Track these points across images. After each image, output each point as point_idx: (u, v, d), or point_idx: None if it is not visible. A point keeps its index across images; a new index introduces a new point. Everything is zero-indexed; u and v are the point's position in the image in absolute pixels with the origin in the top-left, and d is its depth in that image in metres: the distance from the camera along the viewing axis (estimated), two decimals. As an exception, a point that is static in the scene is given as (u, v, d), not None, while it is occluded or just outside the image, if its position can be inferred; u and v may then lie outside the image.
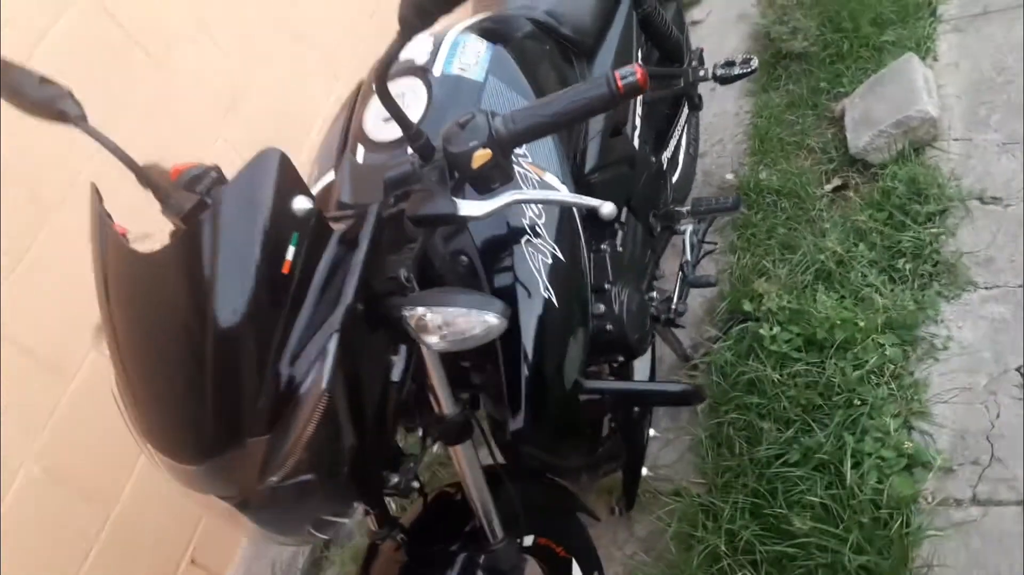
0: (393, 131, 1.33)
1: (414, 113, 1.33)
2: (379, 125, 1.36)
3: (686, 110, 2.28)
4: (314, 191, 1.36)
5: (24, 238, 1.85)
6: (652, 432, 1.86)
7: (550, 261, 1.30)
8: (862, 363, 1.92)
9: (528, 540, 1.47)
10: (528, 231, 1.28)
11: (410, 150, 1.13)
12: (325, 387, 0.92)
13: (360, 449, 1.02)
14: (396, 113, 1.05)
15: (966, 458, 1.76)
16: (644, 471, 1.84)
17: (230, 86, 2.49)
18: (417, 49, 1.45)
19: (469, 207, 1.03)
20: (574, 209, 1.40)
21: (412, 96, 1.35)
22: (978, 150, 2.27)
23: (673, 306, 1.96)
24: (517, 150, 1.20)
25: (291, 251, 0.92)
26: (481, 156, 1.02)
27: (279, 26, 2.69)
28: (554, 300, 1.29)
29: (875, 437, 1.79)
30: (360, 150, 1.37)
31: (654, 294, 1.90)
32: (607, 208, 1.05)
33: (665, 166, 2.12)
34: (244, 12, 2.54)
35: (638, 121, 1.85)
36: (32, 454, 1.85)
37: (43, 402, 1.90)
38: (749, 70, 2.16)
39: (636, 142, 1.84)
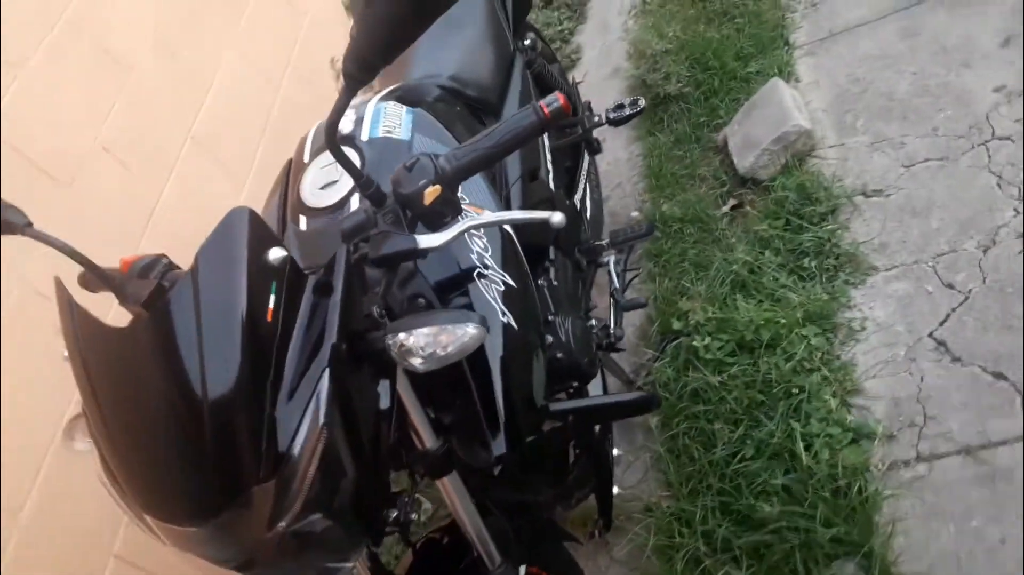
0: (332, 196, 1.40)
1: (348, 181, 1.39)
2: (317, 194, 1.42)
3: (587, 156, 2.43)
4: None
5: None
6: (616, 451, 1.93)
7: (503, 288, 1.37)
8: (791, 355, 2.06)
9: (521, 571, 1.50)
10: (478, 264, 1.35)
11: (356, 203, 1.20)
12: (323, 422, 0.94)
13: (361, 482, 1.05)
14: (346, 164, 1.12)
15: (903, 422, 1.89)
16: (615, 490, 1.90)
17: (144, 200, 2.53)
18: (341, 122, 1.53)
19: (428, 240, 1.10)
20: (515, 241, 1.49)
21: None
22: (852, 152, 2.49)
23: (611, 331, 2.06)
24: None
25: (272, 300, 0.97)
26: (432, 192, 1.10)
27: (181, 140, 2.74)
28: (513, 324, 1.35)
29: (818, 418, 1.91)
30: (302, 220, 1.42)
31: (592, 322, 1.99)
32: (557, 217, 1.14)
33: (579, 207, 2.24)
34: (146, 131, 2.58)
35: (550, 166, 1.98)
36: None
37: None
38: (639, 109, 2.32)
39: (552, 185, 1.96)
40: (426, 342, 1.03)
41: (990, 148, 2.24)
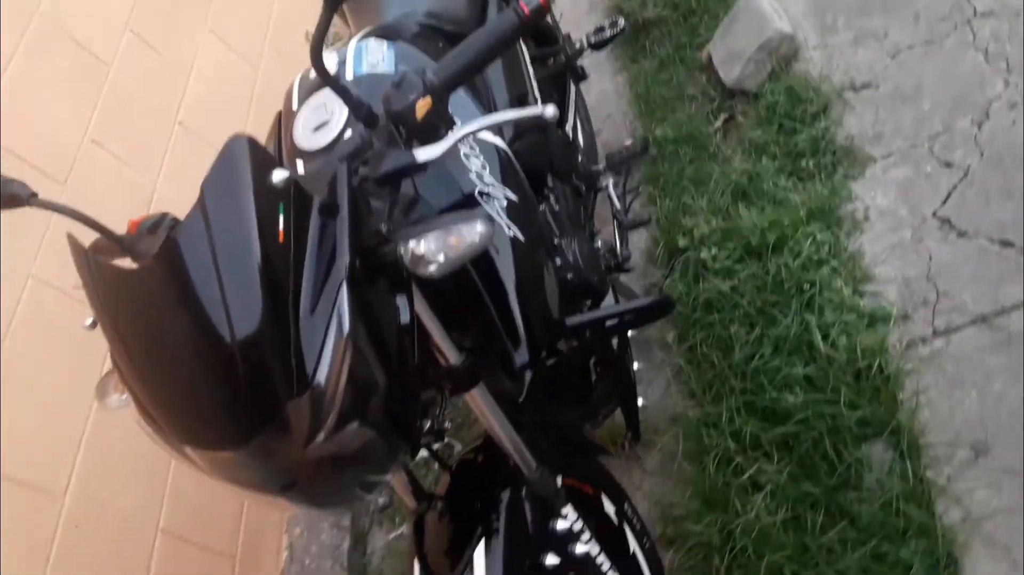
0: (326, 136, 1.40)
1: (339, 119, 1.40)
2: (310, 136, 1.43)
3: (572, 85, 2.43)
4: None
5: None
6: (636, 365, 1.95)
7: (504, 203, 1.38)
8: (799, 253, 2.07)
9: (558, 481, 1.53)
10: (477, 183, 1.37)
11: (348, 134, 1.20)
12: (348, 332, 0.96)
13: (392, 391, 1.07)
14: (335, 85, 1.12)
15: (917, 301, 1.91)
16: (640, 402, 1.93)
17: (141, 189, 2.55)
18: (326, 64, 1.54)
19: (425, 153, 1.11)
20: (512, 158, 1.50)
21: (333, 102, 1.43)
22: (836, 50, 2.49)
23: (618, 253, 2.08)
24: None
25: (281, 222, 0.98)
26: (423, 105, 1.11)
27: (169, 127, 2.75)
28: (520, 236, 1.37)
29: (832, 308, 1.93)
30: (299, 164, 1.43)
31: (599, 244, 2.01)
32: (550, 110, 1.14)
33: (571, 136, 2.25)
34: (133, 122, 2.59)
35: (537, 94, 1.98)
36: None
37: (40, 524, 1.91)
38: (619, 29, 2.32)
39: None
40: (437, 246, 1.04)
41: (973, 25, 2.23)
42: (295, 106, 1.51)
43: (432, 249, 1.05)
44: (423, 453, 1.34)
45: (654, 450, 2.04)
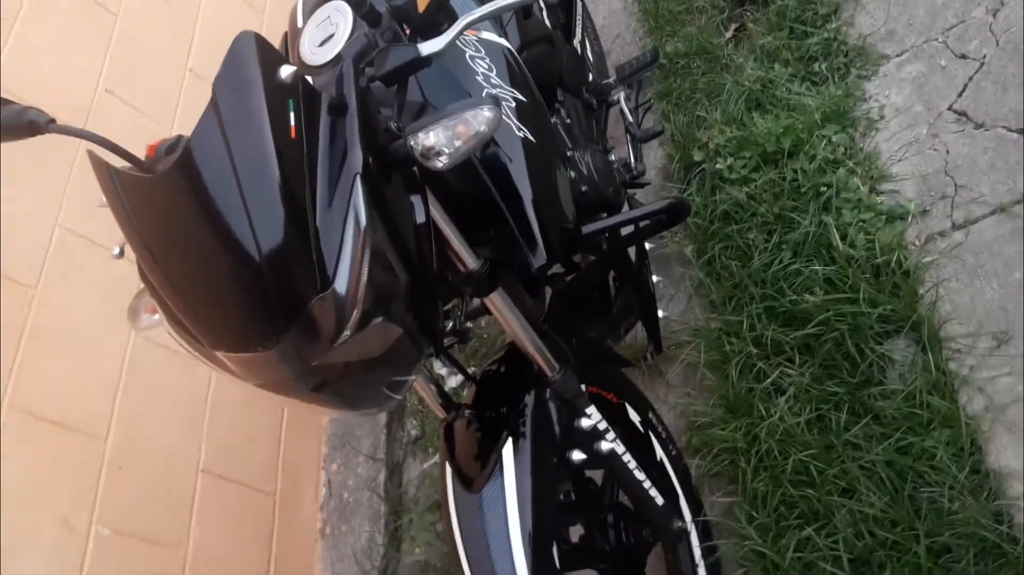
0: (331, 50, 1.40)
1: (344, 30, 1.40)
2: (316, 51, 1.42)
3: (579, 2, 2.40)
4: None
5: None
6: (655, 278, 1.96)
7: (513, 104, 1.38)
8: (814, 157, 2.05)
9: (579, 383, 1.55)
10: (485, 85, 1.36)
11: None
12: (364, 226, 0.97)
13: (413, 287, 1.08)
14: None
15: (935, 196, 1.89)
16: (660, 313, 1.94)
17: (157, 136, 2.56)
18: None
19: (429, 46, 1.11)
20: (520, 60, 1.49)
21: (337, 14, 1.43)
22: (846, -51, 2.43)
23: (632, 167, 2.07)
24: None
25: (292, 117, 0.99)
26: None
27: (180, 74, 2.76)
28: (530, 137, 1.37)
29: (850, 208, 1.92)
30: (308, 80, 1.44)
31: (612, 158, 2.00)
32: None
33: (579, 51, 2.23)
34: (145, 71, 2.59)
35: (542, 3, 1.96)
36: (93, 517, 1.93)
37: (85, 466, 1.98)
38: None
39: (548, 23, 1.94)
40: (446, 135, 1.05)
41: (987, -89, 2.16)
42: (300, 23, 1.51)
43: (441, 139, 1.06)
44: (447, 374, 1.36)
45: (677, 363, 2.06)
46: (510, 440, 1.33)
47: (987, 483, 1.54)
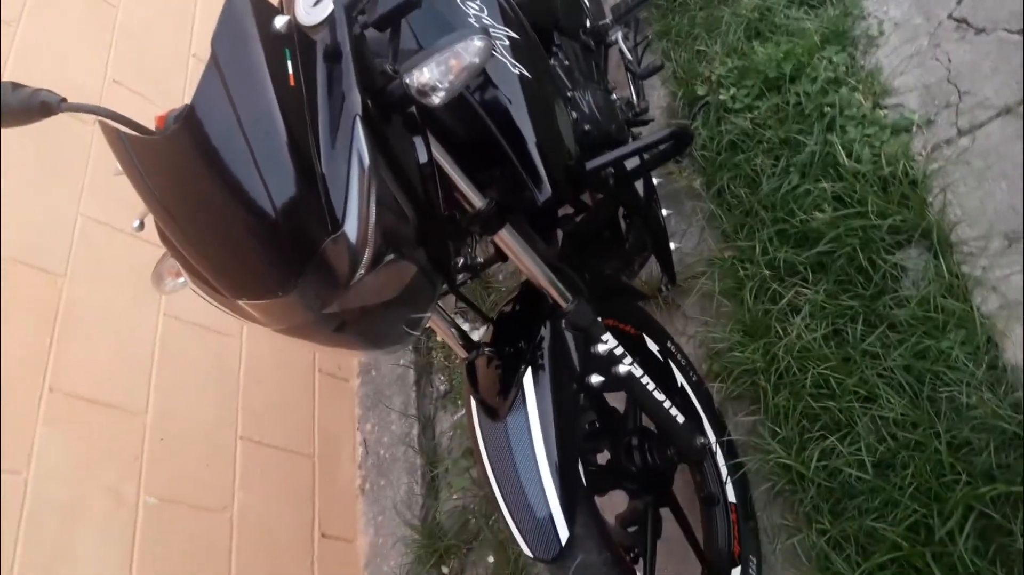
0: (325, 8, 1.44)
1: None
2: (311, 11, 1.46)
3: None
4: None
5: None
6: (664, 211, 1.99)
7: (508, 43, 1.40)
8: (816, 78, 2.06)
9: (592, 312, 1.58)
10: (477, 24, 1.38)
11: None
12: (368, 166, 1.00)
13: (422, 224, 1.12)
14: None
15: (939, 105, 1.89)
16: (672, 246, 1.97)
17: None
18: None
19: None
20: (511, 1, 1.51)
21: None
22: None
23: (635, 104, 2.09)
24: None
25: (290, 65, 1.03)
26: None
27: (184, 60, 2.80)
28: (527, 73, 1.40)
29: (855, 125, 1.93)
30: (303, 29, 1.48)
31: (614, 97, 2.02)
32: None
33: (573, -3, 2.24)
34: (150, 60, 2.63)
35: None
36: (140, 488, 2.02)
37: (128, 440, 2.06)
38: None
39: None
40: (439, 70, 1.08)
41: None
42: None
43: (435, 75, 1.09)
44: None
45: (692, 294, 2.09)
46: (529, 370, 1.37)
47: (1004, 377, 1.56)
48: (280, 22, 1.03)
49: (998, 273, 1.66)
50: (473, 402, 1.43)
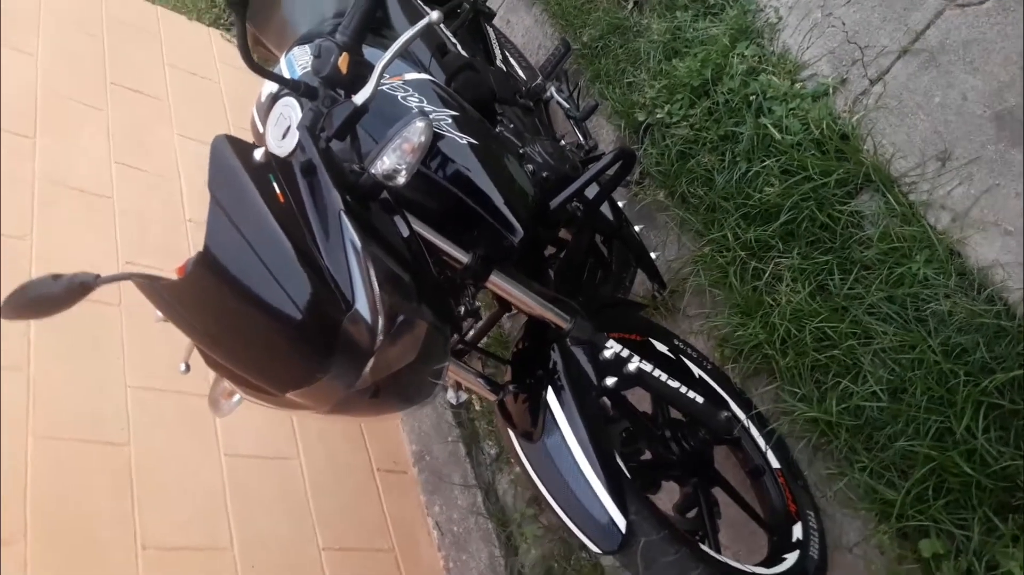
0: (292, 141, 1.64)
1: (297, 118, 1.63)
2: (281, 144, 1.66)
3: (488, 27, 2.64)
4: None
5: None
6: (637, 227, 2.16)
7: (451, 120, 1.60)
8: (735, 75, 2.25)
9: (591, 325, 1.73)
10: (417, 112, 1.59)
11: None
12: (360, 248, 1.16)
13: (419, 286, 1.29)
14: (269, 75, 1.37)
15: (846, 65, 2.08)
16: (653, 255, 2.14)
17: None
18: (266, 88, 1.78)
19: (361, 95, 1.34)
20: (444, 86, 1.72)
21: (288, 108, 1.65)
22: None
23: (584, 144, 2.29)
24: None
25: (276, 186, 1.22)
26: (343, 60, 1.35)
27: (183, 225, 3.05)
28: (474, 141, 1.59)
29: (779, 103, 2.11)
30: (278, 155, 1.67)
31: (563, 143, 2.22)
32: (435, 15, 1.36)
33: (505, 68, 2.46)
34: (155, 236, 2.88)
35: (455, 39, 2.19)
36: None
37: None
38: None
39: (465, 55, 2.18)
40: (397, 155, 1.27)
41: None
42: (260, 128, 1.75)
43: (394, 160, 1.28)
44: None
45: (686, 294, 2.25)
46: (551, 391, 1.53)
47: (974, 279, 1.70)
48: (259, 154, 1.22)
49: (941, 192, 1.82)
50: (512, 435, 1.58)
